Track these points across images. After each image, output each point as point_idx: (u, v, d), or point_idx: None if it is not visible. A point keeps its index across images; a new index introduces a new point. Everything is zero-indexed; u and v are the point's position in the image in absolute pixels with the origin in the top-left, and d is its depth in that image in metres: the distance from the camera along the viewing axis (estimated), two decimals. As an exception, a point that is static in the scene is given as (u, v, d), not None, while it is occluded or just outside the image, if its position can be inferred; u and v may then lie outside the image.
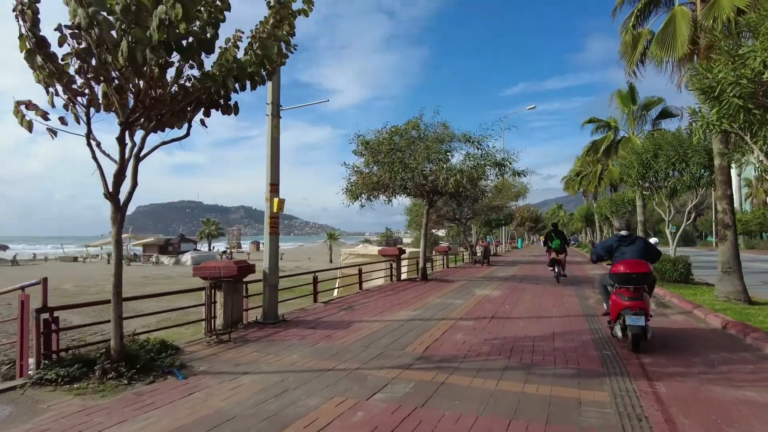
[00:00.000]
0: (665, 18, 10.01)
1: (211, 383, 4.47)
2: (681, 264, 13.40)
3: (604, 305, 6.55)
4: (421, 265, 14.31)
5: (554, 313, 8.33)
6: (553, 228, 14.80)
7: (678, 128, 13.71)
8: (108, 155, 4.68)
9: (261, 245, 78.02)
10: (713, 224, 58.02)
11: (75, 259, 60.15)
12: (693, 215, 14.49)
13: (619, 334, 5.83)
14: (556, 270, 13.99)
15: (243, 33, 4.87)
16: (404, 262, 16.96)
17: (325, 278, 14.63)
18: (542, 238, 15.80)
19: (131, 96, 4.47)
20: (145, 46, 3.96)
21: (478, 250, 23.30)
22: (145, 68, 4.12)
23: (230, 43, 4.80)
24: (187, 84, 4.71)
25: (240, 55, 4.80)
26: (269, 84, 7.47)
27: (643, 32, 11.05)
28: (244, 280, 7.14)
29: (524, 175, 13.25)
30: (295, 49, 5.31)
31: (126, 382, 4.45)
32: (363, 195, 13.72)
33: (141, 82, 4.30)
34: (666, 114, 18.41)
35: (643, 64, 11.22)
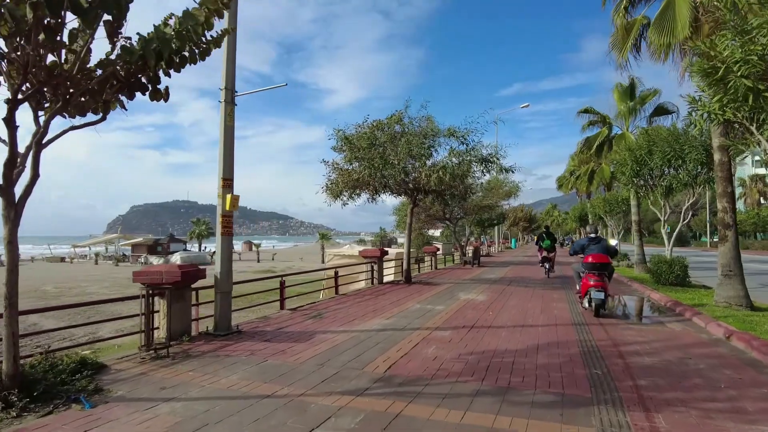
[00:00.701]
0: (663, 1, 9.28)
1: (120, 414, 3.71)
2: (678, 266, 12.73)
3: (577, 286, 9.18)
4: (404, 266, 13.56)
5: (541, 321, 7.60)
6: (545, 230, 16.43)
7: (673, 123, 13.05)
8: (3, 141, 3.91)
9: (253, 245, 76.79)
10: (707, 224, 57.79)
11: (62, 259, 59.17)
12: (690, 214, 13.83)
13: (587, 305, 8.31)
14: (546, 267, 15.47)
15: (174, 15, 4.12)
16: (390, 264, 16.23)
17: (302, 281, 13.88)
18: (536, 238, 17.51)
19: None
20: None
21: (469, 250, 22.59)
22: (27, 29, 3.34)
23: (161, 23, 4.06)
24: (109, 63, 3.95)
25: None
26: (223, 68, 6.70)
27: (637, 19, 10.34)
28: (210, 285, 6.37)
29: (512, 172, 12.52)
30: (232, 31, 4.56)
31: (15, 414, 3.67)
32: (344, 193, 12.95)
33: (28, 50, 3.52)
34: (661, 110, 17.73)
35: (639, 51, 10.51)
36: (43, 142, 4.06)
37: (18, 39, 3.50)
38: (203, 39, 4.25)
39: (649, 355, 5.44)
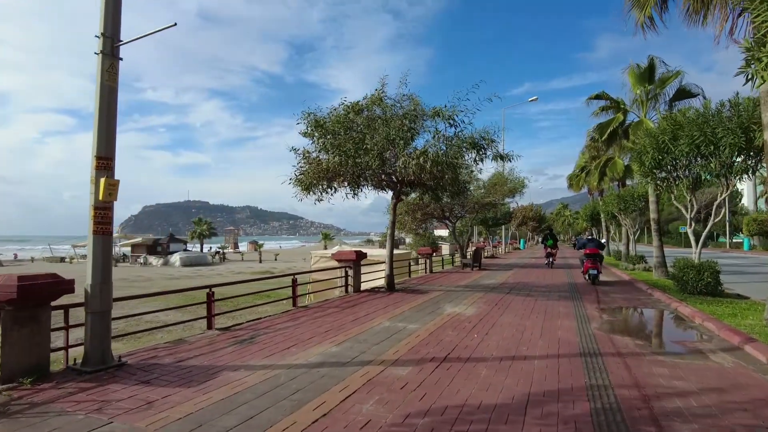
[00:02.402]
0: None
1: None
2: (708, 272, 10.74)
3: (581, 268, 14.42)
4: (387, 272, 11.71)
5: (539, 350, 5.72)
6: (549, 232, 22.47)
7: (705, 102, 11.00)
8: None
9: (256, 245, 75.35)
10: (726, 224, 54.81)
11: (62, 259, 58.46)
12: (723, 212, 11.81)
13: (587, 278, 13.44)
14: (550, 260, 20.75)
15: None
16: (379, 267, 14.40)
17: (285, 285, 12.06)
18: (542, 238, 23.37)
19: None
20: None
21: (470, 252, 20.68)
22: None
23: None
24: None
25: None
26: (101, 7, 4.92)
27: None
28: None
29: (509, 160, 10.54)
30: None
31: None
32: (317, 186, 11.14)
33: None
34: (684, 93, 15.61)
35: (665, 10, 8.53)
36: None
37: None
38: None
39: (697, 418, 3.55)
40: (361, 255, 11.11)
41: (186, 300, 13.65)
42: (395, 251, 21.23)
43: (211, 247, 73.27)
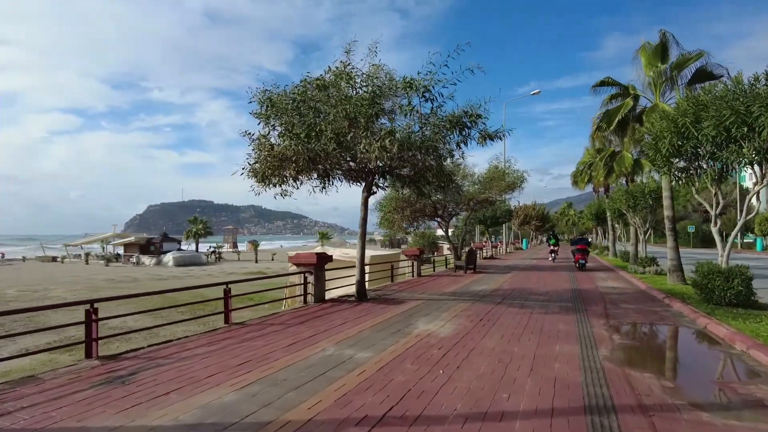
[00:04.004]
0: None
1: None
2: (738, 278, 8.98)
3: (573, 259, 20.96)
4: (357, 277, 9.97)
5: (525, 400, 3.97)
6: (552, 233, 27.24)
7: (736, 75, 9.17)
8: None
9: (254, 244, 73.52)
10: (737, 223, 52.51)
11: (54, 259, 57.30)
12: (759, 206, 9.99)
13: (576, 266, 18.91)
14: (553, 256, 24.96)
15: None
16: (352, 272, 12.66)
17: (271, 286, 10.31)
18: (547, 238, 28.53)
19: None
20: None
21: (463, 253, 18.92)
22: None
23: None
24: None
25: None
26: None
27: None
28: None
29: (499, 138, 8.68)
30: None
31: None
32: (274, 177, 9.41)
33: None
34: (704, 75, 13.77)
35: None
36: None
37: None
38: None
39: None
40: (323, 258, 9.35)
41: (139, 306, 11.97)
42: (380, 252, 19.53)
43: (210, 247, 71.58)
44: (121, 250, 57.11)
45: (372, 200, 11.25)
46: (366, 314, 8.10)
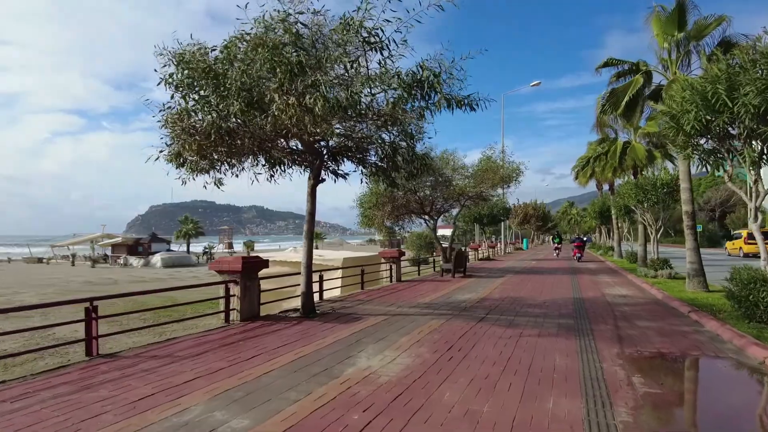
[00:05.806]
0: None
1: None
2: (789, 289, 6.91)
3: (572, 252, 27.80)
4: (302, 288, 7.90)
5: None
6: (556, 232, 35.16)
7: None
8: None
9: (250, 245, 71.62)
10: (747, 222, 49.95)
11: (39, 260, 55.77)
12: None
13: (575, 258, 25.36)
14: (557, 252, 30.04)
15: None
16: (330, 275, 10.63)
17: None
18: (552, 237, 34.89)
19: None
20: None
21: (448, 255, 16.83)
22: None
23: None
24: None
25: None
26: None
27: None
28: None
29: (470, 108, 6.56)
30: None
31: None
32: (188, 159, 7.36)
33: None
34: (728, 46, 11.76)
35: None
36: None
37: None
38: None
39: None
40: (253, 264, 7.28)
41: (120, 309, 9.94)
42: (357, 254, 17.47)
43: (204, 246, 69.47)
44: (109, 251, 55.44)
45: (352, 196, 9.20)
46: (297, 340, 6.06)
